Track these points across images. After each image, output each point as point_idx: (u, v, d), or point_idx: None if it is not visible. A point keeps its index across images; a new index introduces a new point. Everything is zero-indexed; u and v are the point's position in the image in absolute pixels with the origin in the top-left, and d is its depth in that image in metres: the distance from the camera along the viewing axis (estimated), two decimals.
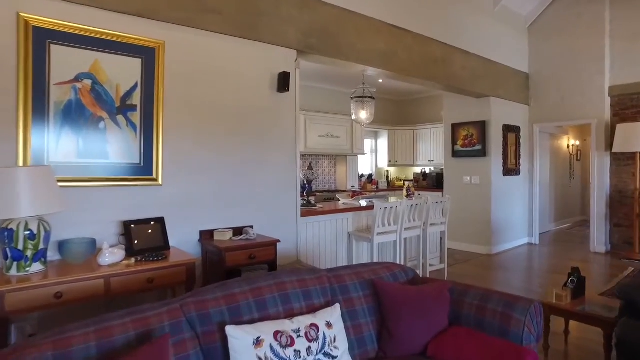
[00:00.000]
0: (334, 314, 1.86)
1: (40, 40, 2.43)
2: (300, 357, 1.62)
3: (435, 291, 2.14)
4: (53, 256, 2.46)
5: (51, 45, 2.48)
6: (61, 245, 2.44)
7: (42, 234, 2.21)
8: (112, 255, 2.43)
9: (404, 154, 9.13)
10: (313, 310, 1.88)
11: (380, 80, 7.08)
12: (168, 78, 3.01)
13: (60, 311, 2.46)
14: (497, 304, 2.02)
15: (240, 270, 3.03)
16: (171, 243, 2.95)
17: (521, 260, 6.04)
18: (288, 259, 3.62)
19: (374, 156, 9.42)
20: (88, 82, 2.65)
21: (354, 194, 6.34)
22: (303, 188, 4.38)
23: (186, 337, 1.60)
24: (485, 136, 6.36)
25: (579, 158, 9.59)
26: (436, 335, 2.01)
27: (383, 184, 8.94)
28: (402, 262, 4.49)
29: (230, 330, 1.59)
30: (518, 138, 6.91)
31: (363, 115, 5.17)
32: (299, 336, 1.67)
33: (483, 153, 6.37)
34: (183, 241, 3.08)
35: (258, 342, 1.58)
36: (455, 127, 6.73)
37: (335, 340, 1.78)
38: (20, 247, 2.14)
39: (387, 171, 9.51)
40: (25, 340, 2.07)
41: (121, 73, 2.79)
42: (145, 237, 2.79)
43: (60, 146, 2.56)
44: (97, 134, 2.71)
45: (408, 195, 5.00)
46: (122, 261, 2.49)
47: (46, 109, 2.48)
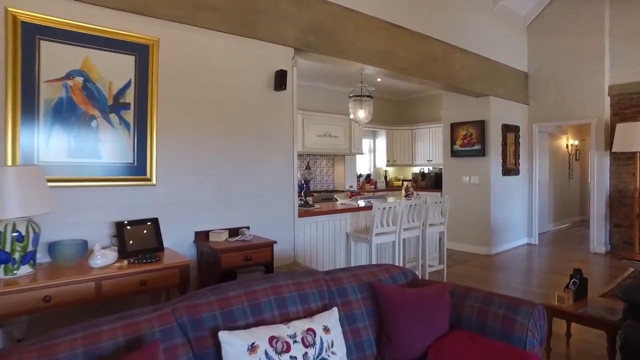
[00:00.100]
0: (332, 318, 1.80)
1: (29, 36, 2.37)
2: None
3: (435, 294, 2.08)
4: (43, 258, 2.39)
5: (41, 41, 2.41)
6: (51, 247, 2.38)
7: (31, 236, 2.14)
8: (104, 257, 2.37)
9: (403, 154, 9.08)
10: (310, 314, 1.82)
11: (378, 79, 7.03)
12: (162, 76, 2.95)
13: (50, 314, 2.39)
14: (499, 307, 1.97)
15: (236, 272, 2.97)
16: (165, 244, 2.88)
17: (520, 260, 6.00)
18: (285, 261, 3.56)
19: (372, 156, 9.37)
20: (79, 80, 2.59)
21: (352, 194, 6.30)
22: (300, 188, 4.32)
23: (177, 343, 1.54)
24: (484, 136, 6.31)
25: (578, 158, 9.57)
26: (437, 339, 1.96)
27: (381, 184, 8.90)
28: (401, 263, 4.43)
29: (223, 336, 1.52)
30: (517, 138, 6.87)
31: (361, 114, 5.12)
32: (295, 341, 1.61)
33: (482, 153, 6.33)
34: (178, 242, 3.02)
35: (252, 348, 1.52)
36: (454, 127, 6.69)
37: (332, 345, 1.72)
38: (7, 249, 2.07)
39: (386, 171, 9.46)
40: (11, 345, 2.01)
41: (114, 70, 2.73)
42: (138, 239, 2.72)
43: (50, 145, 2.49)
44: (89, 133, 2.64)
45: (407, 195, 4.94)
46: (114, 263, 2.43)
47: (36, 107, 2.41)
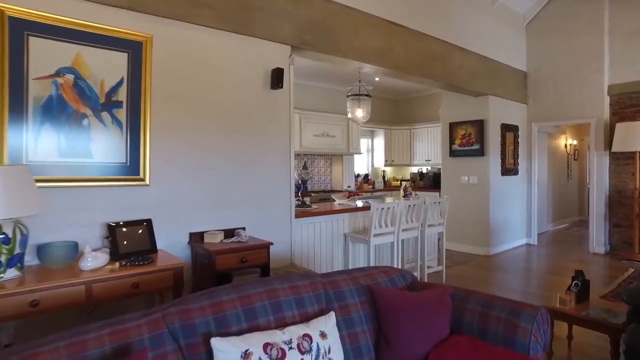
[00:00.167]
0: (329, 323, 1.74)
1: (17, 31, 2.29)
2: None
3: (435, 297, 2.03)
4: (31, 261, 2.32)
5: (30, 37, 2.34)
6: (40, 249, 2.31)
7: (18, 238, 2.07)
8: (95, 259, 2.30)
9: (401, 154, 9.03)
10: (306, 318, 1.76)
11: (376, 78, 6.98)
12: (156, 73, 2.88)
13: (40, 318, 2.32)
14: (501, 311, 1.91)
15: (231, 274, 2.90)
16: (159, 246, 2.82)
17: (520, 261, 5.95)
18: (282, 262, 3.50)
19: (370, 156, 9.31)
20: (70, 77, 2.52)
21: (350, 194, 6.23)
22: (298, 188, 4.26)
23: (168, 350, 1.48)
24: (483, 135, 6.26)
25: (576, 157, 9.53)
26: (437, 344, 1.90)
27: (379, 184, 8.84)
28: (400, 264, 4.38)
29: (215, 342, 1.46)
30: (516, 137, 6.82)
31: (359, 113, 5.05)
32: (291, 348, 1.55)
33: (481, 152, 6.28)
34: (171, 244, 2.95)
35: (246, 356, 1.46)
36: (452, 126, 6.64)
37: (329, 351, 1.66)
38: None
39: (384, 171, 9.40)
40: None
41: (106, 68, 2.66)
42: (131, 240, 2.66)
43: (40, 144, 2.42)
44: (80, 132, 2.57)
45: (405, 195, 4.89)
46: (106, 265, 2.36)
47: (24, 105, 2.34)
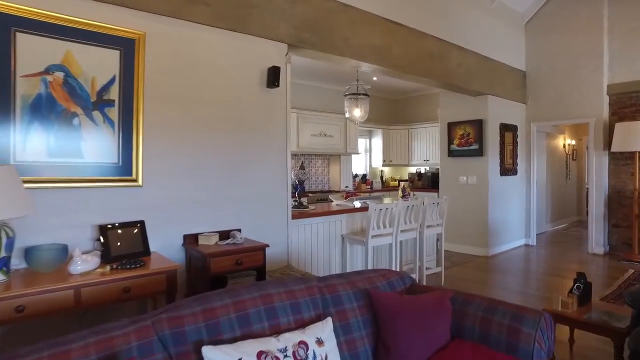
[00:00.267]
0: (325, 329, 1.68)
1: (3, 27, 2.21)
2: None
3: (435, 301, 1.97)
4: (19, 264, 2.25)
5: (17, 33, 2.26)
6: (28, 252, 2.23)
7: (4, 241, 2.00)
8: (85, 262, 2.23)
9: (399, 154, 8.97)
10: (302, 325, 1.70)
11: (374, 77, 6.93)
12: (149, 72, 2.81)
13: (27, 325, 2.25)
14: (504, 316, 1.85)
15: (226, 277, 2.84)
16: (152, 248, 2.75)
17: (519, 262, 5.90)
18: (278, 264, 3.43)
19: (368, 156, 9.25)
20: (60, 75, 2.44)
21: (348, 195, 6.18)
22: (294, 189, 4.19)
23: (157, 359, 1.41)
24: (481, 135, 6.21)
25: (575, 157, 9.50)
26: (437, 350, 1.84)
27: (377, 184, 8.78)
28: (398, 266, 4.32)
29: (207, 351, 1.40)
30: (515, 137, 6.77)
31: (357, 113, 4.99)
32: (286, 356, 1.49)
33: (480, 152, 6.23)
34: (165, 246, 2.88)
35: None
36: (451, 126, 6.58)
37: (326, 359, 1.60)
38: None
39: (382, 171, 9.35)
40: None
41: (97, 65, 2.59)
42: (123, 242, 2.59)
43: (28, 144, 2.35)
44: (71, 131, 2.50)
45: (404, 196, 4.83)
46: (96, 269, 2.29)
47: (11, 103, 2.26)
